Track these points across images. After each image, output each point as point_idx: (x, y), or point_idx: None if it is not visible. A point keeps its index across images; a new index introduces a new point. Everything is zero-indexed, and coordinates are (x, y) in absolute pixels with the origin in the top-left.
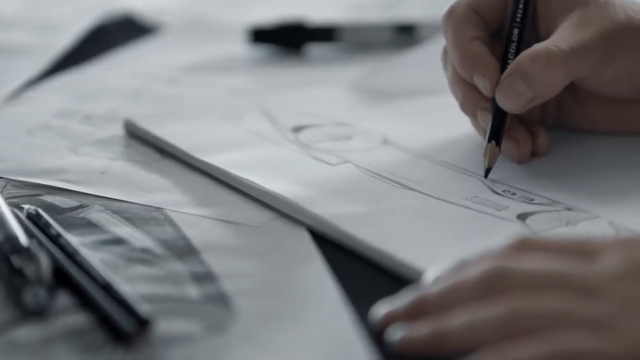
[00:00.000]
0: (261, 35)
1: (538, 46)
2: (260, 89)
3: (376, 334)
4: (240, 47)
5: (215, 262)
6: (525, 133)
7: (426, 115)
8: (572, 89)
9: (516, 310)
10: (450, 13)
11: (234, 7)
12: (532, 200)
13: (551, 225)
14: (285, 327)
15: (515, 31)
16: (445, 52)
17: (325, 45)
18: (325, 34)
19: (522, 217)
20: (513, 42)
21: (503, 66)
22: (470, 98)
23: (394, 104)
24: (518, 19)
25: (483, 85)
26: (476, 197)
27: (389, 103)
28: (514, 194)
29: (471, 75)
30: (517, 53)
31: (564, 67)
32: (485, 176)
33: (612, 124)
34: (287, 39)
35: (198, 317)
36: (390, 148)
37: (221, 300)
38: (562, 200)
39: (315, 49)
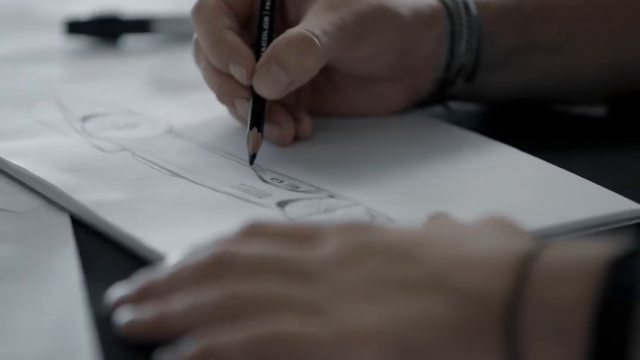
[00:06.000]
0: (76, 27)
1: (291, 31)
2: (69, 79)
3: (109, 318)
4: (57, 39)
5: None
6: (287, 116)
7: (215, 104)
8: (326, 72)
9: (231, 294)
10: (200, 5)
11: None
12: (298, 187)
13: (309, 212)
14: (20, 312)
15: (266, 19)
16: (196, 46)
17: (143, 37)
18: (141, 25)
19: (282, 204)
20: (264, 29)
21: (257, 54)
22: (227, 88)
23: (185, 93)
24: (267, 7)
25: (240, 74)
26: (242, 184)
27: (181, 92)
28: (281, 181)
29: (226, 65)
30: (269, 41)
31: (318, 50)
32: (251, 163)
33: (366, 105)
34: (102, 31)
35: None
36: (172, 137)
37: None
38: (327, 187)
39: (132, 41)
